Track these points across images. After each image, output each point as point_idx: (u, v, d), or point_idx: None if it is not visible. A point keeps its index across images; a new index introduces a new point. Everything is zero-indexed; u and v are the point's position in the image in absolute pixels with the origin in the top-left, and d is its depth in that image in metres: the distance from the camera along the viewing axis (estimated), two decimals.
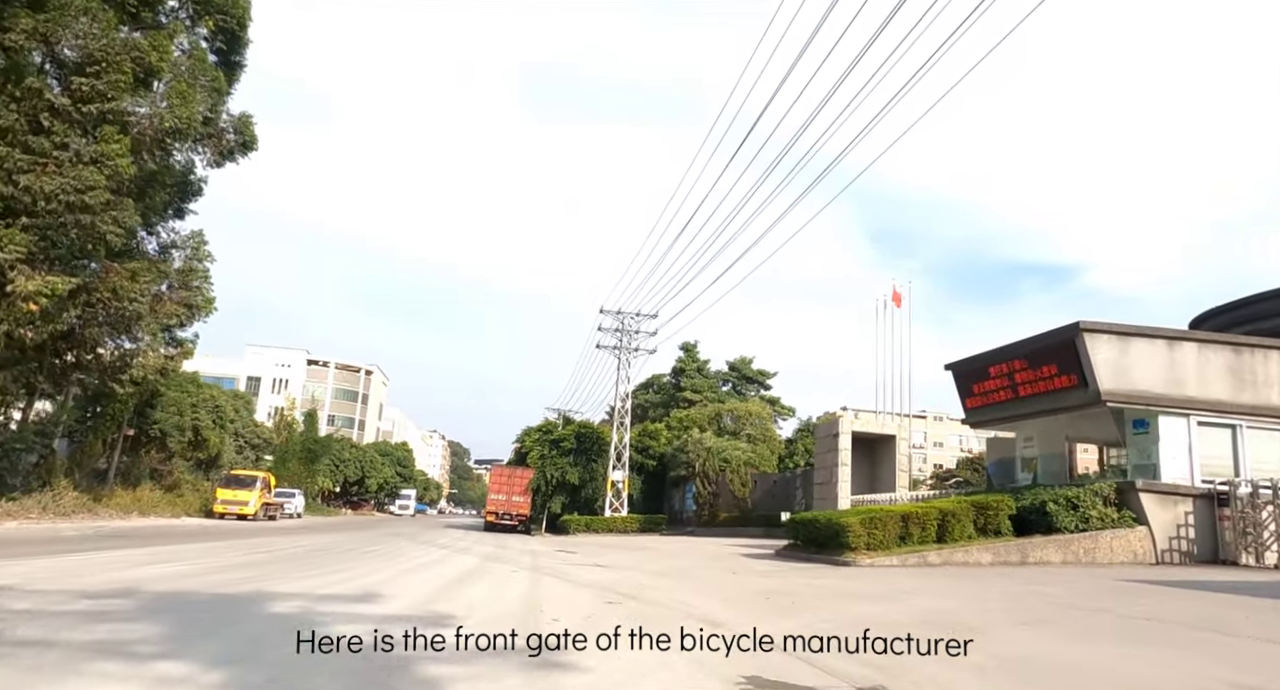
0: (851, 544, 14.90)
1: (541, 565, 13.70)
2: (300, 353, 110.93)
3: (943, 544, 15.21)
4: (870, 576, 12.42)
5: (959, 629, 6.57)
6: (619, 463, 39.98)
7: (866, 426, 29.77)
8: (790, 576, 12.45)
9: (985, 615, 7.82)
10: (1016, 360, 17.13)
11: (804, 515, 17.20)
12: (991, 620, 7.46)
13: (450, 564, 13.24)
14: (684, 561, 16.40)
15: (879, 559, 14.59)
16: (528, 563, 14.34)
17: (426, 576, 10.37)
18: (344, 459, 65.53)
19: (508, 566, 12.96)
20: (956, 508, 15.39)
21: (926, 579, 12.00)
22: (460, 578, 10.35)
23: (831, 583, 11.28)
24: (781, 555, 17.58)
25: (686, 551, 20.53)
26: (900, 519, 15.18)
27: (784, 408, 56.77)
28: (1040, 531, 15.12)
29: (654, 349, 41.82)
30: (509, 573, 11.68)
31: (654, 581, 10.80)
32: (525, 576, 11.06)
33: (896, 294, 31.32)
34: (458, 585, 9.30)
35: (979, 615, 7.81)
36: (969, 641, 5.10)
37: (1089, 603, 8.79)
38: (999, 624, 7.22)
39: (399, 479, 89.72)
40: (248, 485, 34.34)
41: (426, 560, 13.95)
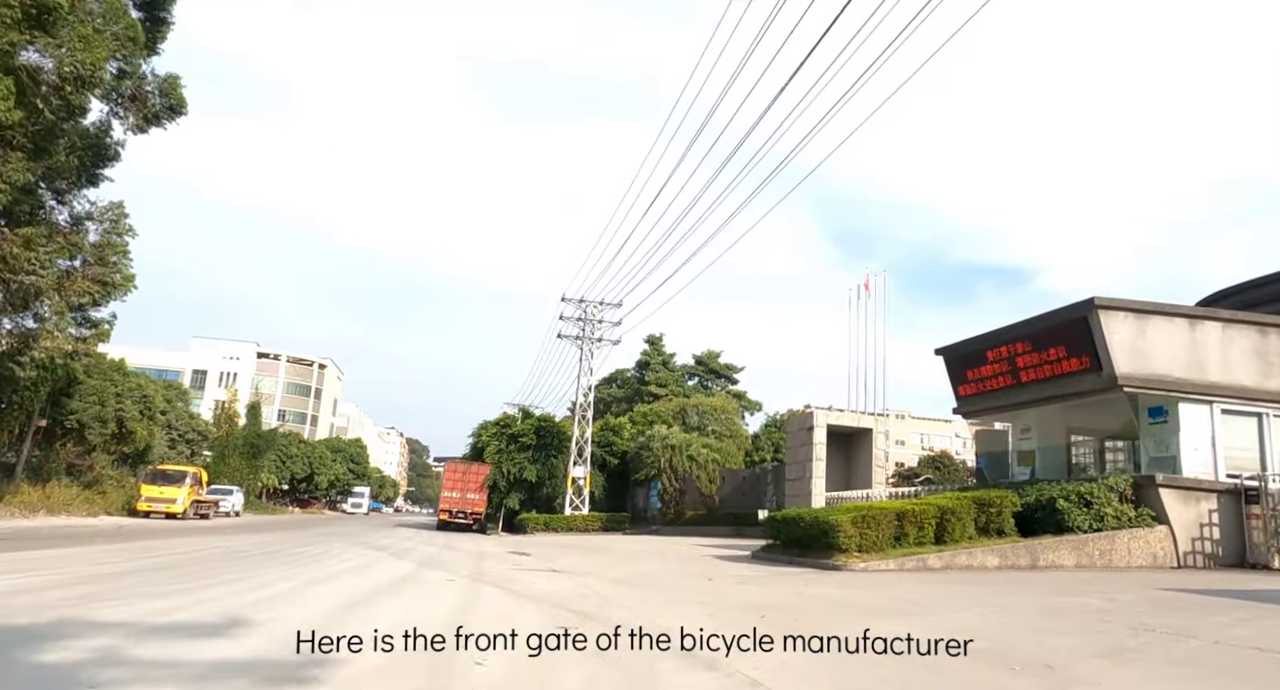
0: (841, 545, 13.16)
1: (486, 571, 11.69)
2: (250, 345, 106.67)
3: (942, 545, 13.56)
4: (870, 584, 10.67)
5: (1031, 666, 4.78)
6: (580, 459, 37.94)
7: (842, 420, 28.20)
8: (778, 584, 10.63)
9: (1044, 640, 6.07)
10: (1019, 342, 15.58)
11: (786, 513, 15.45)
12: (1057, 647, 5.70)
13: (376, 570, 11.15)
14: (651, 565, 14.53)
15: (873, 562, 12.87)
16: (470, 568, 12.32)
17: (334, 589, 8.31)
18: (291, 455, 62.28)
19: (443, 574, 10.92)
20: (956, 505, 13.75)
21: (935, 586, 10.28)
22: (378, 590, 8.31)
23: (828, 592, 9.50)
24: (760, 558, 15.79)
25: (653, 553, 18.67)
26: (895, 517, 13.49)
27: (751, 402, 55.29)
28: (1049, 531, 13.55)
29: (618, 339, 39.87)
30: (442, 582, 9.66)
31: (619, 593, 8.89)
32: (461, 587, 9.06)
33: (868, 283, 29.83)
34: (369, 602, 7.28)
35: (1035, 640, 6.06)
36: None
37: (1157, 621, 7.09)
38: (1072, 654, 5.45)
39: (352, 476, 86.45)
40: (176, 481, 31.57)
41: (350, 566, 11.84)
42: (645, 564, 15.18)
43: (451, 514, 38.99)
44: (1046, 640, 6.11)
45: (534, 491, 39.14)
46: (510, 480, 39.08)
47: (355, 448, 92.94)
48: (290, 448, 63.03)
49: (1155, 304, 13.99)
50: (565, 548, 21.53)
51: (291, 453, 62.70)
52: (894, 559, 12.97)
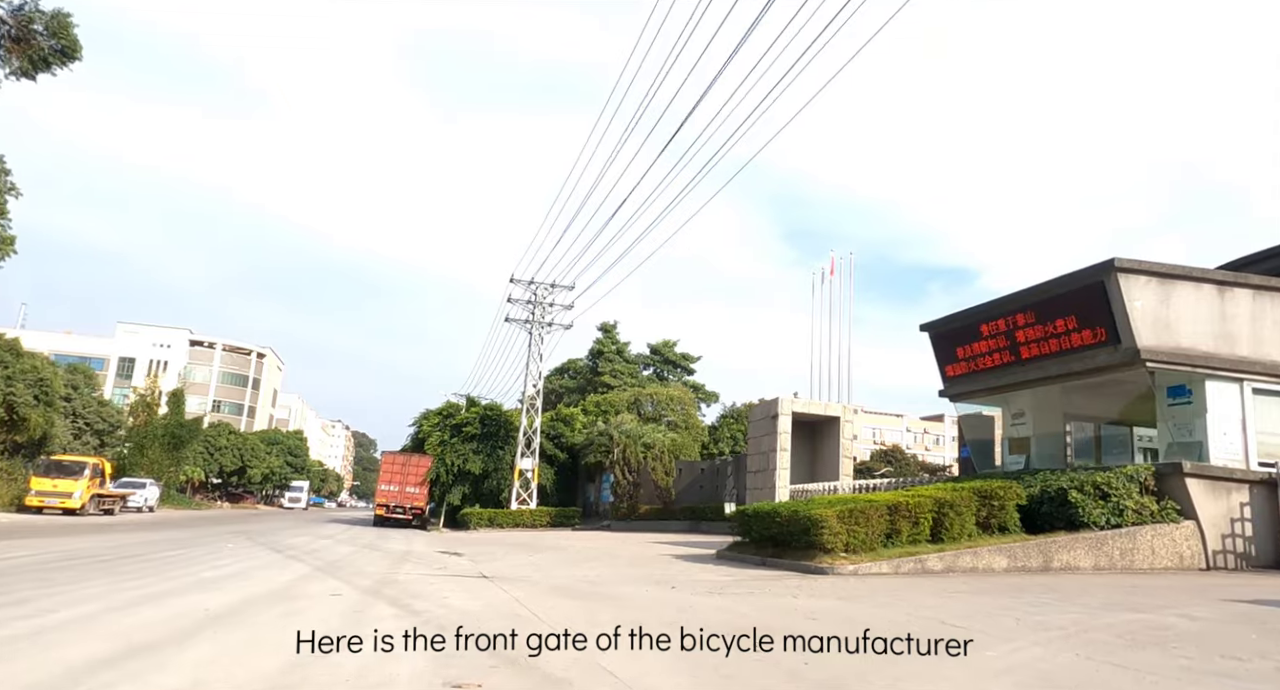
0: (826, 544, 11.17)
1: (394, 579, 9.35)
2: (182, 332, 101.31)
3: (940, 544, 11.67)
4: (869, 592, 8.65)
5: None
6: (529, 450, 35.53)
7: (808, 407, 26.40)
8: (759, 594, 8.55)
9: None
10: (1020, 314, 13.79)
11: (759, 507, 13.41)
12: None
13: (246, 581, 8.72)
14: (602, 568, 12.37)
15: (864, 564, 10.90)
16: (378, 575, 9.96)
17: (143, 619, 5.87)
18: (220, 446, 58.33)
19: (335, 584, 8.56)
20: (955, 497, 11.87)
21: (951, 597, 8.31)
22: (214, 618, 5.92)
23: (825, 605, 7.44)
24: (727, 558, 13.74)
25: (604, 552, 16.50)
26: (887, 511, 11.54)
27: (708, 393, 53.45)
28: (1059, 527, 11.77)
29: (570, 324, 37.50)
30: (323, 598, 7.31)
31: (557, 611, 6.68)
32: (344, 607, 6.73)
33: (832, 268, 28.09)
34: (174, 643, 4.91)
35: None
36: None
37: None
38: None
39: (290, 470, 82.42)
40: (72, 473, 28.27)
41: (220, 575, 9.38)
42: (595, 566, 13.01)
43: (389, 509, 36.33)
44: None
45: (479, 485, 36.65)
46: (453, 473, 36.53)
47: (294, 440, 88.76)
48: (219, 439, 59.08)
49: (1181, 267, 12.30)
50: (506, 546, 19.23)
51: (220, 444, 58.74)
52: (887, 560, 11.02)
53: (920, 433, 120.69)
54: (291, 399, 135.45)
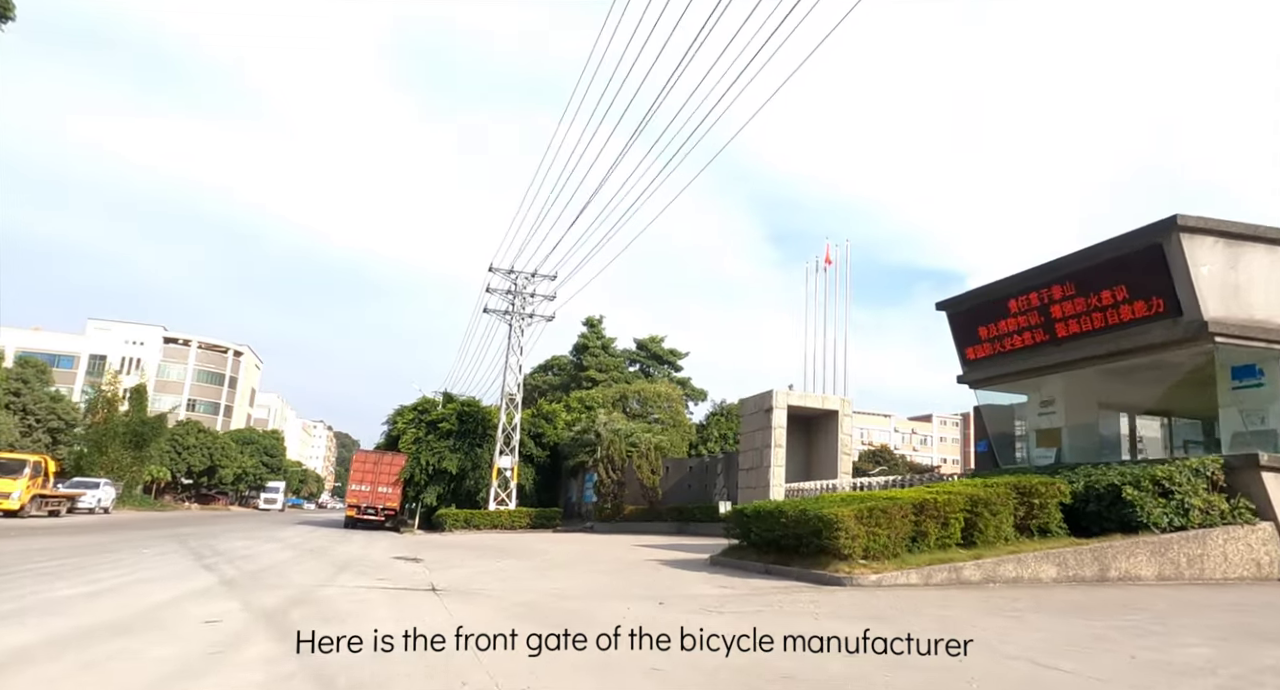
0: (842, 549, 9.41)
1: (316, 597, 7.48)
2: (156, 329, 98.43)
3: (973, 547, 9.93)
4: (910, 612, 6.89)
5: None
6: (508, 448, 33.62)
7: (805, 401, 24.65)
8: (771, 613, 6.77)
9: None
10: (1056, 286, 12.10)
11: (760, 505, 11.62)
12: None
13: (114, 600, 6.82)
14: (580, 578, 10.56)
15: (887, 573, 9.14)
16: (301, 588, 8.09)
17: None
18: (188, 445, 55.89)
19: (231, 603, 6.69)
20: (990, 494, 10.15)
21: (1016, 620, 6.56)
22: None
23: (863, 631, 5.64)
24: (723, 565, 11.95)
25: (585, 557, 14.71)
26: (912, 511, 9.79)
27: (695, 390, 51.66)
28: (1111, 529, 10.07)
29: (552, 315, 35.63)
30: (190, 629, 5.44)
31: (508, 655, 4.83)
32: (205, 644, 4.87)
33: (828, 256, 26.31)
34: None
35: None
36: None
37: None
38: None
39: (265, 470, 79.91)
40: (11, 472, 26.11)
41: (86, 591, 7.46)
42: (571, 575, 11.19)
43: (360, 510, 34.30)
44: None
45: (456, 485, 34.66)
46: (428, 472, 34.49)
47: (270, 440, 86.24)
48: (187, 437, 56.65)
49: (1253, 226, 10.62)
50: (475, 550, 17.38)
51: (188, 443, 56.31)
52: (915, 568, 9.27)
53: (908, 433, 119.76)
54: (271, 398, 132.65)
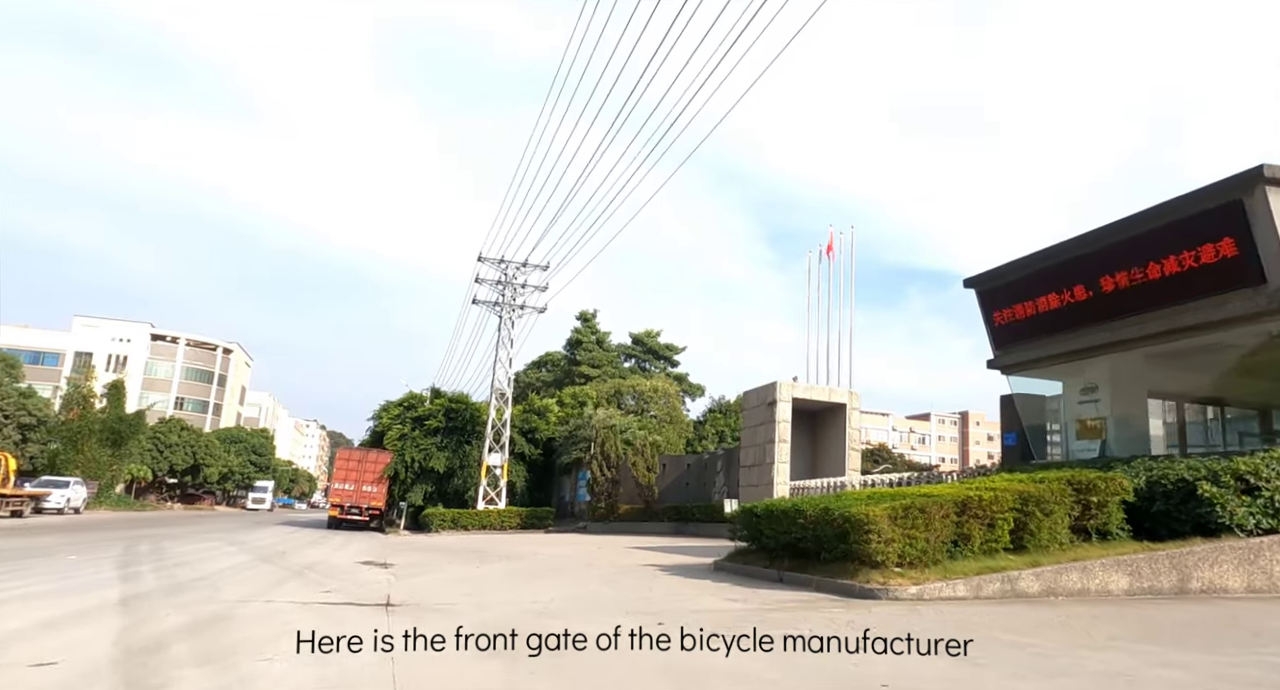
0: (874, 555, 7.96)
1: (234, 615, 6.01)
2: (143, 326, 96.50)
3: (1024, 553, 8.48)
4: (981, 638, 5.42)
5: None
6: (498, 445, 32.12)
7: (810, 393, 23.19)
8: (805, 641, 5.30)
9: None
10: (1107, 255, 10.66)
11: (773, 504, 10.14)
12: None
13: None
14: (564, 587, 9.08)
15: (930, 584, 7.69)
16: (226, 603, 6.62)
17: None
18: (170, 443, 54.21)
19: (108, 628, 5.23)
20: (1042, 491, 8.71)
21: (1125, 652, 5.12)
22: None
23: (935, 673, 4.19)
24: (730, 571, 10.50)
25: (574, 562, 13.24)
26: (954, 510, 8.34)
27: (693, 386, 50.17)
28: (1184, 531, 8.63)
29: (543, 307, 34.12)
30: (5, 674, 3.96)
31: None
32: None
33: (831, 244, 24.79)
34: None
35: None
36: None
37: None
38: None
39: (253, 469, 78.12)
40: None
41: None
42: (557, 583, 9.73)
43: (344, 510, 32.71)
44: None
45: (444, 483, 33.18)
46: (414, 470, 33.00)
47: (259, 438, 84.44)
48: (169, 435, 54.94)
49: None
50: (455, 553, 15.91)
51: (170, 441, 54.59)
52: (961, 578, 7.81)
53: (906, 432, 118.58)
54: (262, 397, 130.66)
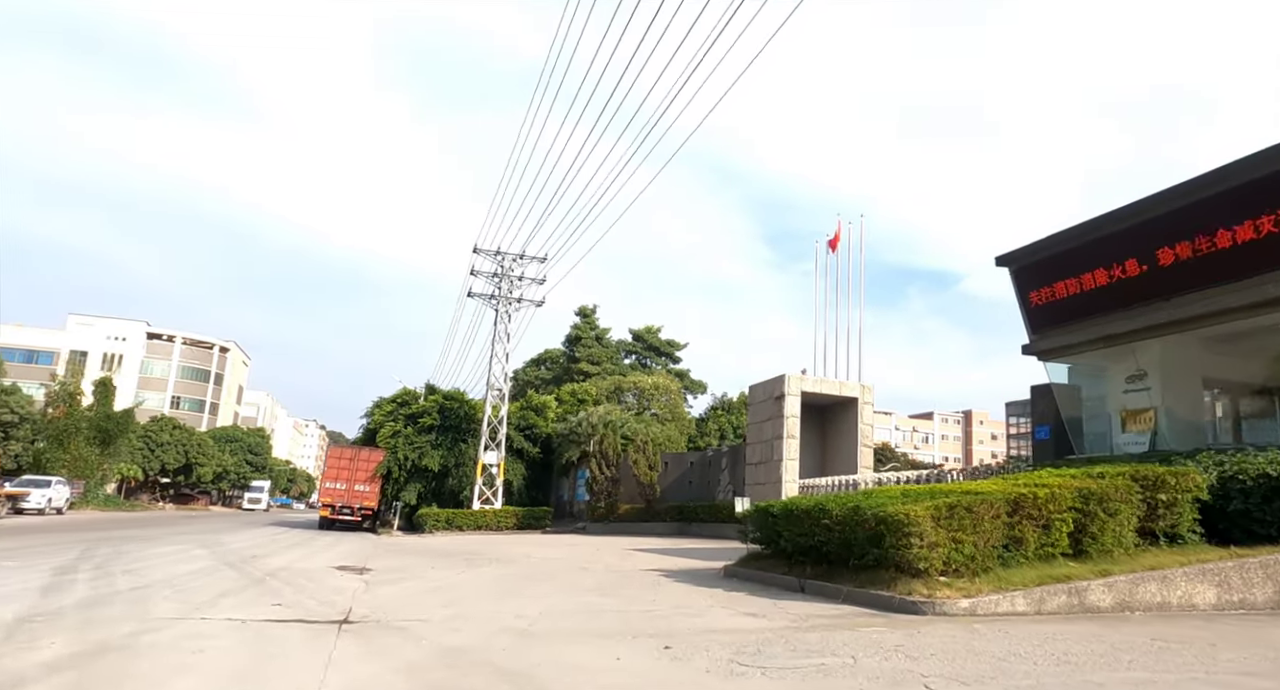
0: (915, 561, 6.82)
1: (129, 650, 4.86)
2: (139, 325, 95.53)
3: (1085, 558, 7.35)
4: (1069, 670, 4.28)
5: None
6: (494, 442, 30.98)
7: (820, 387, 22.07)
8: (850, 676, 4.15)
9: None
10: (1166, 224, 9.54)
11: (795, 502, 8.98)
12: None
13: None
14: (555, 597, 7.94)
15: (982, 596, 6.55)
16: (150, 622, 5.50)
17: None
18: (161, 442, 53.07)
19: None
20: (1105, 488, 7.56)
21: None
22: None
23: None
24: (743, 578, 9.36)
25: (569, 565, 12.10)
26: (1006, 509, 7.20)
27: (695, 383, 49.00)
28: (1271, 534, 7.50)
29: (541, 300, 32.99)
30: None
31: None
32: None
33: (837, 236, 23.52)
34: None
35: None
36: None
37: None
38: None
39: (249, 469, 76.98)
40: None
41: None
42: (548, 591, 8.59)
43: (335, 510, 31.56)
44: None
45: (437, 482, 32.07)
46: (407, 469, 31.88)
47: (255, 438, 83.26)
48: (160, 434, 53.81)
49: None
50: (446, 556, 14.78)
51: (161, 440, 53.46)
52: (1020, 589, 6.67)
53: (909, 431, 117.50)
54: (260, 396, 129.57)
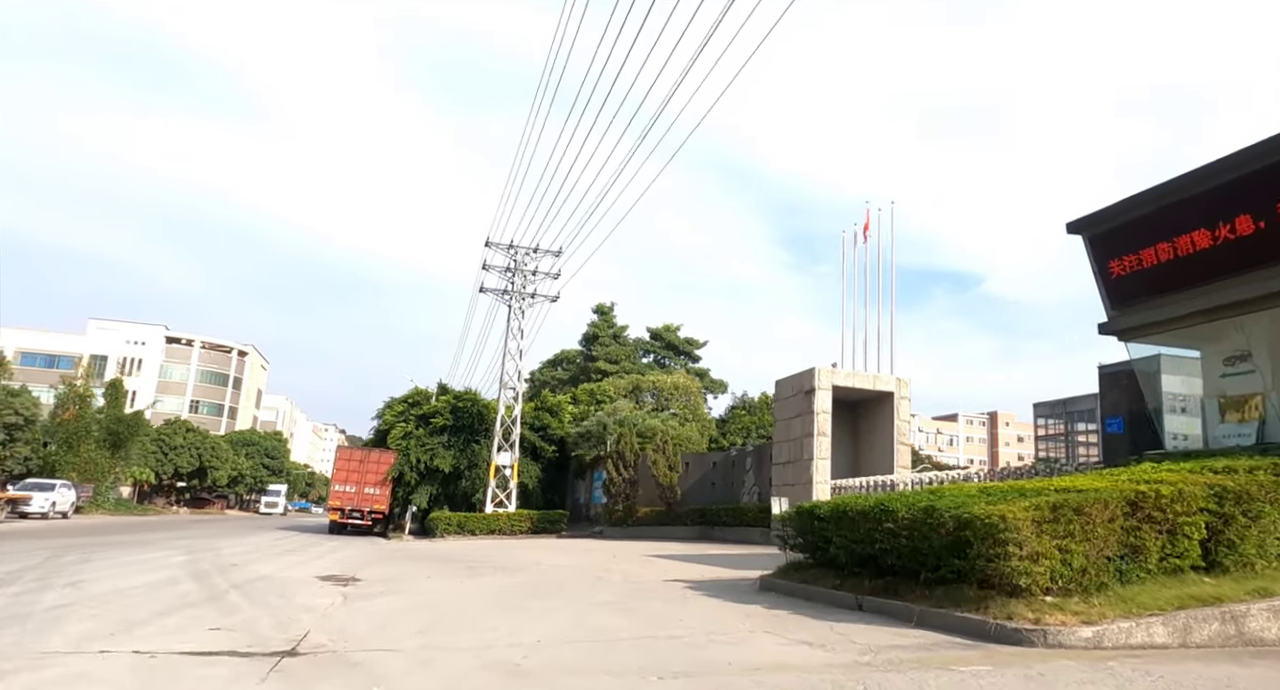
0: (1012, 575, 5.39)
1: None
2: (157, 329, 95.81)
3: (1222, 572, 5.89)
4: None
5: None
6: (507, 443, 29.71)
7: (853, 381, 20.53)
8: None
9: None
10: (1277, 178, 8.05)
11: (849, 502, 7.53)
12: None
13: None
14: (566, 617, 6.57)
15: (1107, 622, 5.09)
16: (39, 652, 4.18)
17: None
18: (175, 445, 52.39)
19: None
20: (1245, 484, 6.11)
21: None
22: None
23: None
24: (785, 592, 7.93)
25: (582, 576, 10.72)
26: (1123, 510, 5.74)
27: (715, 382, 47.51)
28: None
29: (556, 295, 31.71)
30: None
31: None
32: None
33: (868, 224, 21.83)
34: None
35: None
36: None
37: None
38: None
39: (266, 473, 76.44)
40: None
41: None
42: (556, 608, 7.23)
43: (345, 513, 30.39)
44: None
45: (451, 484, 30.84)
46: (419, 471, 30.68)
47: (272, 441, 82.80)
48: (174, 437, 53.13)
49: None
50: (449, 563, 13.47)
51: (175, 443, 52.78)
52: (1156, 614, 5.21)
53: (933, 433, 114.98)
54: (278, 400, 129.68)
